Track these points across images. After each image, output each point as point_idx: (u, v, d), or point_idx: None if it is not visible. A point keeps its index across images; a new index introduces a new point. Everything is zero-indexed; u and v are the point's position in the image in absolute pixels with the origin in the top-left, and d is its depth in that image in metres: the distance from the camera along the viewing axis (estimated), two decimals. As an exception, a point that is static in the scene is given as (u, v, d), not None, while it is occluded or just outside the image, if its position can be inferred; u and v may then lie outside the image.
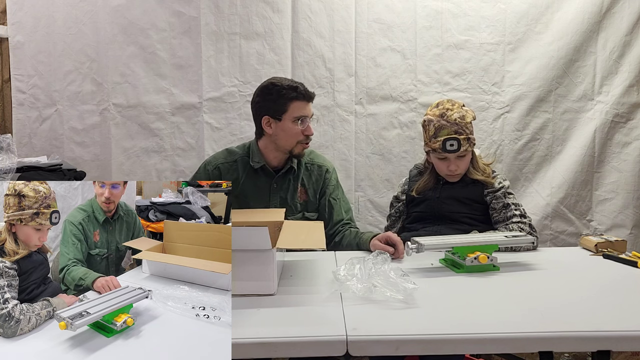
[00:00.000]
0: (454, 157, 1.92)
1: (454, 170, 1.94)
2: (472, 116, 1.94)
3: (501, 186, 1.96)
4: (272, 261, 1.37)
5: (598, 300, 1.35)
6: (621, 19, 2.61)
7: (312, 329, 1.17)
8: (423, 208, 2.02)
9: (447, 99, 2.00)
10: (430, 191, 2.02)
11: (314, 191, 2.03)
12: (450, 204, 1.97)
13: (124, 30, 2.64)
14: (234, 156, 2.05)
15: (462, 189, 1.98)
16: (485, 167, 2.00)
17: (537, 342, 1.14)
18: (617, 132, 2.68)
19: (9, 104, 2.69)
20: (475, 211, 1.97)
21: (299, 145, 1.95)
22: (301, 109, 1.91)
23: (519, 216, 1.91)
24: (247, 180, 2.00)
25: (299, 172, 2.02)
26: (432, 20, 2.65)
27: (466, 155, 1.93)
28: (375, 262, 1.37)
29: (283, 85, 1.91)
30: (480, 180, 1.97)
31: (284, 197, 1.99)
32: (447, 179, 1.99)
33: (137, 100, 2.68)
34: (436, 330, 1.15)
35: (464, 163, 1.95)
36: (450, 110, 1.91)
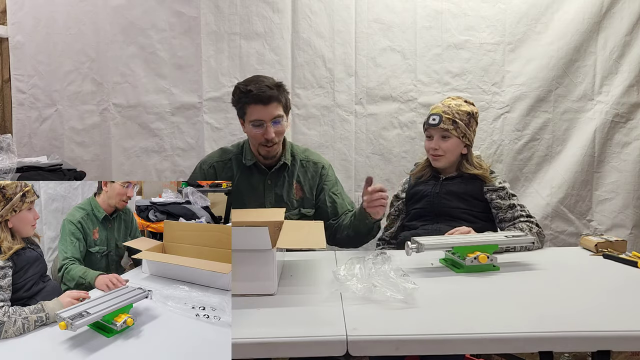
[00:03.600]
0: (437, 137, 2.00)
1: (434, 149, 2.00)
2: (471, 110, 2.03)
3: (501, 186, 1.98)
4: (272, 261, 1.38)
5: (598, 300, 1.35)
6: (621, 19, 2.61)
7: (312, 329, 1.17)
8: (422, 205, 2.03)
9: (459, 97, 2.13)
10: (430, 187, 2.04)
11: (310, 187, 2.03)
12: (449, 200, 1.98)
13: (124, 30, 2.64)
14: (228, 155, 2.06)
15: (460, 184, 2.01)
16: (480, 162, 2.05)
17: (537, 342, 1.14)
18: (617, 132, 2.68)
19: (9, 104, 2.69)
20: (474, 208, 1.98)
21: (261, 148, 1.92)
22: (256, 113, 1.86)
23: (525, 216, 1.92)
24: (241, 178, 2.00)
25: (293, 168, 2.03)
26: (432, 20, 2.65)
27: (450, 137, 1.99)
28: (375, 262, 1.38)
29: (240, 89, 1.89)
30: (478, 176, 2.00)
31: (279, 193, 1.99)
32: (432, 162, 2.05)
33: (137, 100, 2.68)
34: (436, 330, 1.15)
35: (447, 146, 1.99)
36: (452, 100, 2.07)
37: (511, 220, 1.93)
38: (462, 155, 2.04)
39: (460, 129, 1.98)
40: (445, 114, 1.99)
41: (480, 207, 1.99)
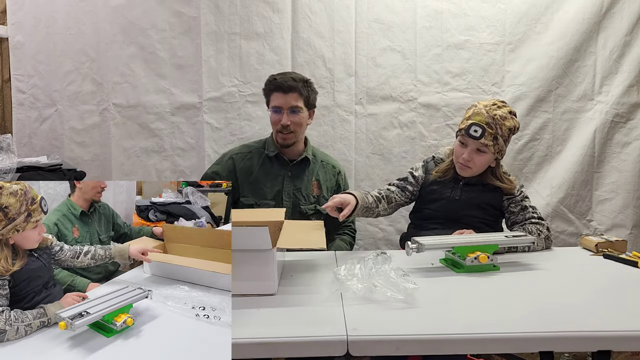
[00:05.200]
0: (472, 147, 1.83)
1: (466, 160, 1.84)
2: (514, 125, 1.84)
3: (519, 192, 1.93)
4: (273, 261, 1.37)
5: (598, 300, 1.35)
6: (621, 19, 2.61)
7: (313, 329, 1.17)
8: (437, 207, 1.94)
9: (504, 102, 1.90)
10: (449, 190, 1.93)
11: (326, 189, 2.13)
12: (468, 208, 1.90)
13: (124, 30, 2.64)
14: (249, 148, 2.17)
15: (482, 192, 1.91)
16: (510, 178, 1.93)
17: (537, 342, 1.14)
18: (617, 132, 2.68)
19: (9, 104, 2.69)
20: (489, 216, 1.93)
21: (279, 135, 2.06)
22: (276, 99, 2.03)
23: (537, 218, 1.89)
24: (261, 168, 2.10)
25: (314, 166, 2.13)
26: (432, 20, 2.65)
27: (486, 153, 1.83)
28: (375, 262, 1.37)
29: (269, 79, 2.08)
30: (502, 188, 1.91)
31: (298, 186, 2.08)
32: (457, 169, 1.91)
33: (137, 100, 2.68)
34: (436, 330, 1.15)
35: (480, 160, 1.84)
36: (498, 107, 1.84)
37: (522, 222, 1.90)
38: (489, 167, 1.90)
39: (499, 146, 1.82)
40: (489, 127, 1.79)
41: (495, 216, 1.94)
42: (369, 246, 2.70)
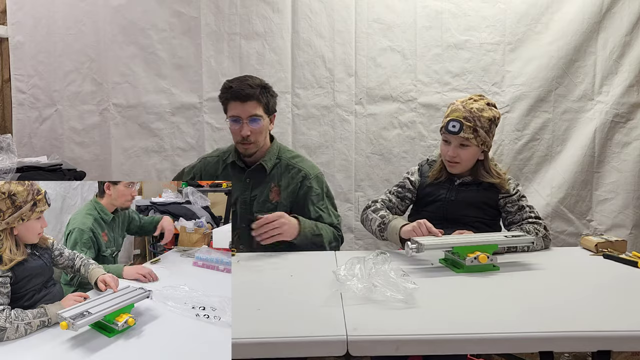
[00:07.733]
0: (455, 143, 1.87)
1: (452, 156, 1.88)
2: (493, 115, 1.87)
3: (516, 191, 1.93)
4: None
5: (598, 300, 1.35)
6: (621, 19, 2.61)
7: (312, 329, 1.17)
8: (433, 209, 1.95)
9: (481, 95, 1.94)
10: (444, 191, 1.95)
11: (287, 194, 1.98)
12: (464, 208, 1.91)
13: (124, 30, 2.64)
14: (217, 152, 2.14)
15: (477, 192, 1.93)
16: (498, 170, 1.95)
17: (537, 342, 1.14)
18: (617, 132, 2.68)
19: (9, 104, 2.69)
20: (486, 215, 1.94)
21: (239, 145, 1.97)
22: (234, 109, 1.92)
23: (534, 218, 1.89)
24: (222, 174, 2.06)
25: (275, 171, 2.01)
26: (432, 20, 2.65)
27: (470, 146, 1.86)
28: (375, 262, 1.37)
29: (224, 86, 1.95)
30: (495, 185, 1.92)
31: (255, 193, 2.00)
32: (447, 167, 1.94)
33: (137, 100, 2.68)
34: (436, 330, 1.15)
35: (465, 154, 1.87)
36: (474, 101, 1.88)
37: (519, 222, 1.90)
38: (479, 161, 1.93)
39: (481, 137, 1.85)
40: (466, 120, 1.83)
41: (492, 215, 1.95)
42: (369, 246, 2.71)
